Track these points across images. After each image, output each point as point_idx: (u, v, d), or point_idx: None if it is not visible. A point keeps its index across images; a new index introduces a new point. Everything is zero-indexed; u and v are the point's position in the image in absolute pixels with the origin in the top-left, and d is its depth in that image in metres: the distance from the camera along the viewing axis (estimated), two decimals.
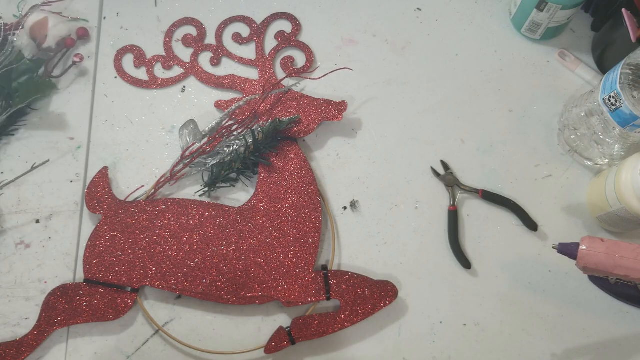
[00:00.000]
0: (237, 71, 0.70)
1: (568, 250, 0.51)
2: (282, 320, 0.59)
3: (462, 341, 0.59)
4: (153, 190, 0.64)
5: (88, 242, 0.60)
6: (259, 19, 0.73)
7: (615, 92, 0.56)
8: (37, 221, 0.63)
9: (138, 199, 0.63)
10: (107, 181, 0.63)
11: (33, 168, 0.63)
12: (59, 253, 0.62)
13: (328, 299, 0.58)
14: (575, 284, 0.61)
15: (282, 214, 0.61)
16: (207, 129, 0.65)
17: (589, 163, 0.65)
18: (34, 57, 0.68)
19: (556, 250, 0.52)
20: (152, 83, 0.70)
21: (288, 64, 0.70)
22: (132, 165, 0.66)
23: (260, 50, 0.71)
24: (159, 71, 0.71)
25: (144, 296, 0.60)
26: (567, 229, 0.63)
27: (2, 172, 0.64)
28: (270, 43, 0.72)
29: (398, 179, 0.66)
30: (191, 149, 0.64)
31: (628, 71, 0.56)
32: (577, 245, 0.51)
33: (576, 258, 0.51)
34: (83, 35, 0.71)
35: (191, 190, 0.65)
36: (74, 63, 0.68)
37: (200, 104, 0.69)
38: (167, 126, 0.68)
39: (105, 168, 0.64)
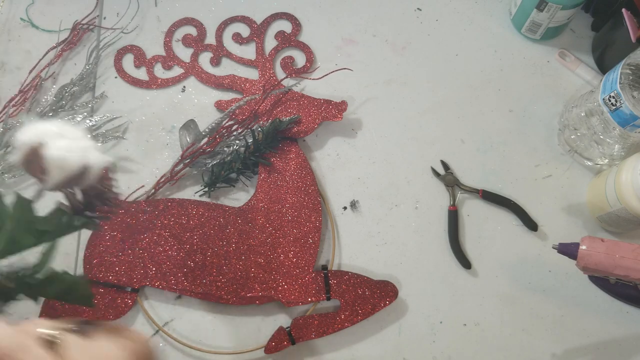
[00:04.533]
0: (237, 71, 0.70)
1: (568, 250, 0.51)
2: (282, 320, 0.59)
3: (462, 341, 0.59)
4: (153, 190, 0.64)
5: (88, 241, 0.60)
6: (259, 19, 0.73)
7: (615, 92, 0.56)
8: None
9: (138, 199, 0.63)
10: None
11: None
12: (59, 253, 0.61)
13: (328, 299, 0.58)
14: (575, 284, 0.61)
15: (282, 214, 0.61)
16: (207, 129, 0.65)
17: (589, 163, 0.65)
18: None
19: (556, 250, 0.52)
20: (152, 83, 0.70)
21: (288, 64, 0.70)
22: (132, 165, 0.66)
23: (260, 50, 0.71)
24: (159, 71, 0.71)
25: (144, 296, 0.60)
26: (567, 229, 0.63)
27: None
28: (270, 43, 0.72)
29: (398, 179, 0.66)
30: (191, 149, 0.64)
31: (628, 71, 0.56)
32: (577, 245, 0.51)
33: (576, 258, 0.51)
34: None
35: (191, 190, 0.65)
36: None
37: (200, 104, 0.69)
38: (167, 126, 0.68)
39: (106, 168, 0.64)
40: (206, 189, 0.63)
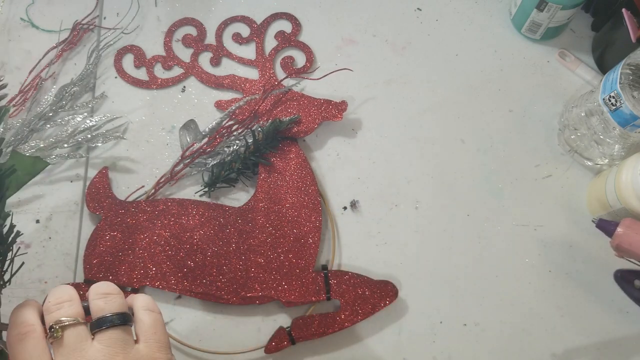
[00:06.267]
0: (237, 71, 0.70)
1: (606, 226, 0.53)
2: (282, 320, 0.59)
3: (462, 341, 0.59)
4: (153, 190, 0.64)
5: (88, 242, 0.60)
6: (259, 19, 0.73)
7: (615, 92, 0.56)
8: (37, 221, 0.63)
9: (138, 199, 0.63)
10: (107, 181, 0.63)
11: None
12: (59, 253, 0.62)
13: (328, 299, 0.58)
14: (575, 284, 0.61)
15: (282, 214, 0.61)
16: (207, 129, 0.65)
17: (589, 163, 0.65)
18: None
19: (594, 224, 0.54)
20: (152, 83, 0.70)
21: (288, 64, 0.71)
22: (132, 165, 0.66)
23: (260, 50, 0.71)
24: (159, 71, 0.71)
25: None
26: (567, 228, 0.63)
27: None
28: (270, 43, 0.72)
29: (398, 179, 0.66)
30: (191, 149, 0.64)
31: (628, 71, 0.56)
32: (616, 223, 0.52)
33: (612, 236, 0.52)
34: None
35: (191, 190, 0.65)
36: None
37: (200, 104, 0.69)
38: (167, 126, 0.68)
39: (105, 168, 0.64)
40: (206, 189, 0.63)
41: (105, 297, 0.38)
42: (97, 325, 0.37)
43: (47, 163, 0.57)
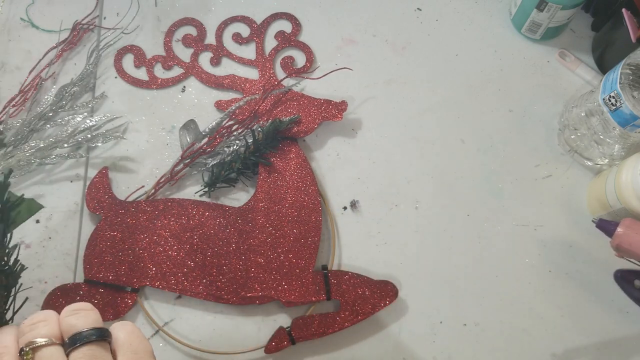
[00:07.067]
0: (237, 71, 0.70)
1: (606, 226, 0.53)
2: (282, 320, 0.59)
3: (462, 341, 0.59)
4: (153, 190, 0.64)
5: (88, 242, 0.60)
6: (259, 19, 0.73)
7: (615, 92, 0.56)
8: (37, 221, 0.63)
9: (138, 199, 0.63)
10: (107, 181, 0.63)
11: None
12: (59, 253, 0.62)
13: (328, 299, 0.58)
14: (575, 284, 0.61)
15: (282, 214, 0.61)
16: (207, 129, 0.65)
17: (589, 163, 0.65)
18: None
19: (594, 224, 0.54)
20: (152, 83, 0.70)
21: (288, 64, 0.71)
22: (132, 165, 0.66)
23: (260, 50, 0.71)
24: (159, 71, 0.71)
25: (144, 296, 0.60)
26: (567, 229, 0.63)
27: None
28: (270, 43, 0.72)
29: (398, 179, 0.66)
30: (191, 149, 0.64)
31: (628, 71, 0.56)
32: (616, 223, 0.52)
33: (612, 236, 0.52)
34: None
35: (191, 190, 0.65)
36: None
37: (200, 104, 0.69)
38: (167, 126, 0.68)
39: (105, 168, 0.64)
40: (206, 189, 0.63)
41: (76, 313, 0.35)
42: (71, 343, 0.34)
43: (41, 205, 0.55)
